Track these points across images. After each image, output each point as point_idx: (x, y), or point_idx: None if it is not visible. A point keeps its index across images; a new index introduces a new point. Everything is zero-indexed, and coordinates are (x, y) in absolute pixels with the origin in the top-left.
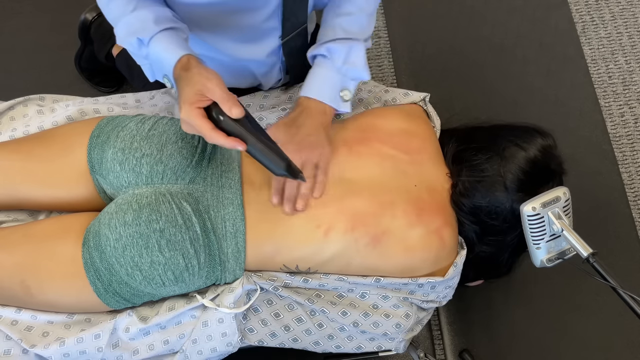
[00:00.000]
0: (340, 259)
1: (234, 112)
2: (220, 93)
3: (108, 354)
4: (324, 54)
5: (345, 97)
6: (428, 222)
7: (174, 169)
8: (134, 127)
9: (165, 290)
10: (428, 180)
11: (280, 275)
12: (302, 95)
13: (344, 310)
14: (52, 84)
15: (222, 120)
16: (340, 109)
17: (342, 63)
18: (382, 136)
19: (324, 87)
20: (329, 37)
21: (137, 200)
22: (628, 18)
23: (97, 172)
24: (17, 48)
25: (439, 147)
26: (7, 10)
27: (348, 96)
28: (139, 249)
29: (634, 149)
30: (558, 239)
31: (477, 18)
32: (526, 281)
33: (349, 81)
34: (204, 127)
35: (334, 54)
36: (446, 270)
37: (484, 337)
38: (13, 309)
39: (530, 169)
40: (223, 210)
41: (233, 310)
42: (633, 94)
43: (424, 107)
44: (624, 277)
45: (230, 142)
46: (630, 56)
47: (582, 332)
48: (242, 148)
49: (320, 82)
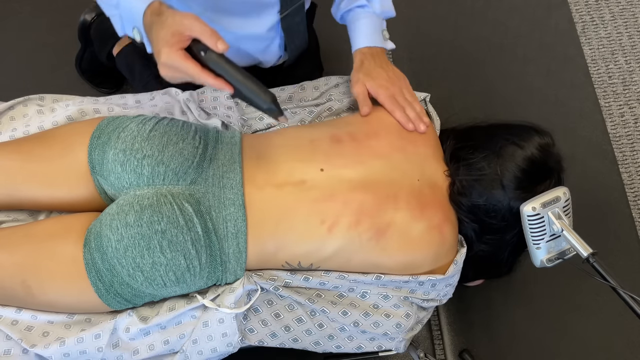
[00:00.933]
0: (341, 255)
1: (220, 46)
2: (201, 27)
3: (108, 354)
4: (363, 4)
5: (385, 35)
6: (430, 217)
7: (175, 170)
8: (135, 128)
9: (166, 290)
10: (430, 176)
11: (280, 274)
12: (357, 48)
13: (344, 310)
14: (52, 84)
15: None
16: (387, 47)
17: (380, 7)
18: (388, 130)
19: (374, 33)
20: None
21: (138, 202)
22: (628, 18)
23: (97, 172)
24: (17, 48)
25: (439, 145)
26: (7, 10)
27: (387, 35)
28: (141, 250)
29: (634, 149)
30: (558, 239)
31: (477, 18)
32: (526, 281)
33: (383, 22)
34: (191, 68)
35: (373, 2)
36: (446, 268)
37: (484, 337)
38: (13, 308)
39: (527, 167)
40: (224, 211)
41: (233, 310)
42: (633, 94)
43: (425, 107)
44: (624, 277)
45: (220, 83)
46: (630, 56)
47: (582, 332)
48: (230, 90)
49: (370, 30)
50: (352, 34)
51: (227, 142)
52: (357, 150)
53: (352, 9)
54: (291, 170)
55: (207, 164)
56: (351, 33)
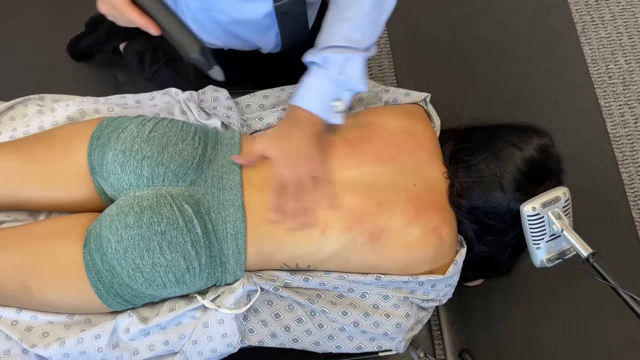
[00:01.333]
0: (339, 257)
1: None
2: None
3: (108, 355)
4: (319, 62)
5: (338, 107)
6: (426, 221)
7: (175, 171)
8: (134, 129)
9: (166, 291)
10: (427, 179)
11: (280, 275)
12: (292, 104)
13: (344, 310)
14: (52, 84)
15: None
16: (329, 121)
17: (337, 74)
18: (383, 135)
19: (316, 97)
20: (327, 42)
21: (138, 203)
22: (628, 18)
23: (97, 173)
24: (17, 48)
25: (439, 146)
26: (7, 10)
27: (341, 107)
28: (141, 251)
29: (634, 149)
30: (558, 239)
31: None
32: (526, 281)
33: (343, 92)
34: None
35: (328, 64)
36: (446, 268)
37: (484, 337)
38: (13, 309)
39: (526, 168)
40: (224, 212)
41: (233, 311)
42: (633, 94)
43: (425, 107)
44: (624, 277)
45: (144, 21)
46: (630, 56)
47: (582, 332)
48: (156, 31)
49: (312, 92)
50: (297, 87)
51: (226, 143)
52: (350, 156)
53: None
54: None
55: (206, 165)
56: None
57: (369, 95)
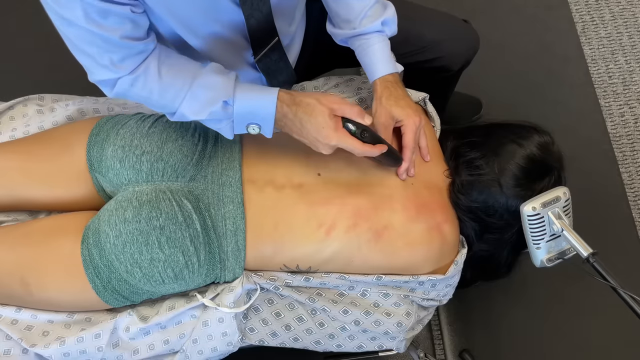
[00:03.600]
0: (341, 257)
1: (367, 120)
2: (350, 108)
3: (108, 354)
4: (380, 30)
5: (393, 57)
6: (428, 218)
7: (174, 167)
8: (134, 125)
9: (164, 287)
10: (427, 177)
11: (280, 275)
12: (377, 77)
13: (345, 309)
14: (52, 84)
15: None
16: (399, 70)
17: (391, 31)
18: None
19: (389, 59)
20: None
21: (137, 197)
22: (628, 18)
23: (96, 170)
24: (17, 48)
25: (438, 146)
26: (7, 10)
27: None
28: (139, 246)
29: (634, 149)
30: (558, 239)
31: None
32: (526, 281)
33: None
34: (356, 144)
35: (387, 26)
36: (447, 268)
37: (484, 337)
38: (13, 308)
39: (526, 165)
40: (223, 209)
41: (233, 309)
42: (633, 94)
43: (424, 106)
44: (624, 277)
45: (379, 147)
46: (630, 56)
47: (582, 332)
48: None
49: (385, 56)
50: (368, 62)
51: (226, 141)
52: (352, 155)
53: (363, 34)
54: (290, 173)
55: (206, 161)
56: (367, 62)
57: (369, 95)
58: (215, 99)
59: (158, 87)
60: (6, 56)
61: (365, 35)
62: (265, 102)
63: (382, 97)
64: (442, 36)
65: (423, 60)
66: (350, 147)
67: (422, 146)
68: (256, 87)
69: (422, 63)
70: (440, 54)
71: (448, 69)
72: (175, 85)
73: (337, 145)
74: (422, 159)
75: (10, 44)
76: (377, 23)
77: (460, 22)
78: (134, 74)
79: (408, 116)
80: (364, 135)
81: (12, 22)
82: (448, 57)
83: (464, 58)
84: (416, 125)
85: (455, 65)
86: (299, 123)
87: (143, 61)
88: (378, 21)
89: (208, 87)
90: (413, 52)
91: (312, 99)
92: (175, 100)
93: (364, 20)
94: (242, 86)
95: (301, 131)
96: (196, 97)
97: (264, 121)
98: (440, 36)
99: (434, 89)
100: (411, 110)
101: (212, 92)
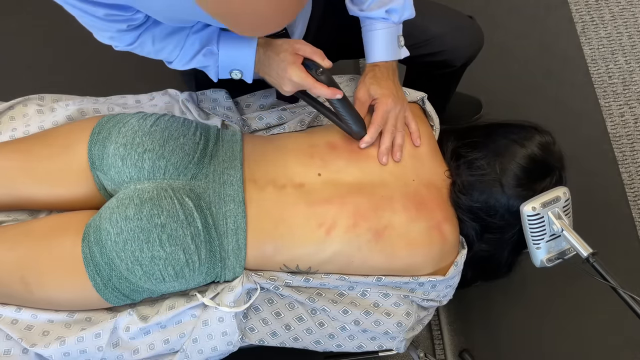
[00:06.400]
0: (341, 258)
1: (326, 63)
2: (311, 49)
3: (108, 353)
4: (385, 17)
5: (401, 41)
6: (428, 217)
7: (176, 165)
8: (135, 123)
9: (164, 286)
10: (426, 176)
11: (281, 275)
12: (371, 61)
13: (345, 309)
14: (52, 84)
15: (321, 72)
16: (402, 56)
17: (399, 18)
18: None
19: (389, 46)
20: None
21: (138, 195)
22: (628, 18)
23: (97, 168)
24: (17, 48)
25: (436, 145)
26: (7, 10)
27: (402, 41)
28: (140, 244)
29: (634, 149)
30: (558, 239)
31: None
32: (526, 281)
33: (400, 26)
34: (309, 80)
35: (393, 14)
36: (447, 269)
37: (484, 337)
38: (13, 308)
39: (528, 164)
40: (224, 207)
41: (233, 309)
42: (633, 94)
43: (422, 105)
44: (624, 277)
45: (332, 90)
46: (630, 56)
47: (582, 332)
48: (340, 95)
49: (385, 43)
50: (367, 44)
51: (228, 140)
52: (351, 155)
53: (369, 17)
54: (291, 173)
55: (207, 160)
56: (366, 43)
57: None
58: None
59: (154, 51)
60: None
61: (371, 20)
62: (246, 50)
63: (366, 76)
64: (446, 29)
65: (426, 54)
66: (304, 83)
67: (412, 130)
68: (238, 36)
69: (425, 56)
70: (443, 47)
71: (450, 64)
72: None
73: (294, 81)
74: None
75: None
76: (382, 10)
77: (465, 18)
78: (130, 46)
79: (383, 95)
80: (319, 74)
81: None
82: (451, 51)
83: (467, 53)
84: (388, 105)
85: (457, 60)
86: (267, 61)
87: (138, 37)
88: (383, 8)
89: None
90: (417, 45)
91: (282, 41)
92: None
93: (372, 5)
94: (225, 36)
95: (268, 69)
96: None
97: (245, 68)
98: (444, 29)
99: (435, 87)
100: (389, 92)
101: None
